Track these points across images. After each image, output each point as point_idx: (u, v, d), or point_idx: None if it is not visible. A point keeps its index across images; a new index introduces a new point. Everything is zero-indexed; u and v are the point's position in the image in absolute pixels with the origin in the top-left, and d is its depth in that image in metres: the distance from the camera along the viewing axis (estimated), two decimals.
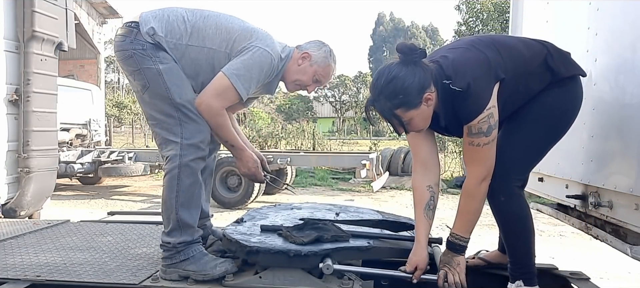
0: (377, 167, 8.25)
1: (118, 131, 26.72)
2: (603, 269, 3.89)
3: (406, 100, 1.65)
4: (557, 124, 1.81)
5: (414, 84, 1.65)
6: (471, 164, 1.74)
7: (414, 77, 1.65)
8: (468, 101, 1.65)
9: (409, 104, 1.66)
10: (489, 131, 1.66)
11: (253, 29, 2.06)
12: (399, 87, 1.65)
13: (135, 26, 1.96)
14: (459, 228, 1.81)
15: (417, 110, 1.68)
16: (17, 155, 3.64)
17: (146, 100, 2.00)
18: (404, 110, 1.67)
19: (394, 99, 1.66)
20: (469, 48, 1.76)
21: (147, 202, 8.38)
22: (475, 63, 1.69)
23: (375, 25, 73.40)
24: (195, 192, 1.96)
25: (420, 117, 1.71)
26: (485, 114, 1.65)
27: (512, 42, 1.82)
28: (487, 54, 1.72)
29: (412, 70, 1.66)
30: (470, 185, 1.75)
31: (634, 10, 1.84)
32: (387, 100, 1.68)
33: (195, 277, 1.87)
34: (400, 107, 1.67)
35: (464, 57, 1.72)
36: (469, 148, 1.72)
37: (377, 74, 1.72)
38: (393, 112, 1.68)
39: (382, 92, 1.68)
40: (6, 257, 2.20)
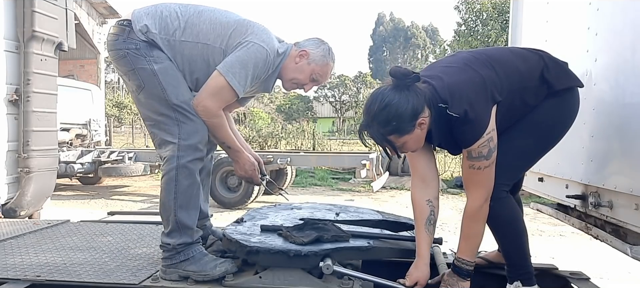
0: (377, 167, 8.25)
1: (118, 131, 26.71)
2: (603, 269, 3.89)
3: (399, 126, 1.65)
4: (548, 135, 1.82)
5: (407, 111, 1.64)
6: (472, 187, 1.75)
7: (407, 103, 1.64)
8: (466, 127, 1.66)
9: (402, 130, 1.67)
10: (489, 154, 1.68)
11: (249, 23, 2.02)
12: (392, 113, 1.64)
13: (127, 24, 1.93)
14: (464, 252, 1.80)
15: (411, 135, 1.68)
16: (17, 155, 3.64)
17: (142, 101, 1.98)
18: (397, 136, 1.68)
19: (387, 125, 1.66)
20: (464, 68, 1.75)
21: (147, 202, 8.38)
22: (471, 86, 1.69)
23: (375, 25, 73.33)
24: (194, 193, 1.96)
25: (413, 141, 1.71)
26: (485, 138, 1.66)
27: (507, 58, 1.81)
28: (483, 74, 1.71)
29: (406, 96, 1.65)
30: (473, 208, 1.75)
31: (634, 10, 1.84)
32: (380, 126, 1.67)
33: (195, 277, 1.87)
34: (393, 133, 1.67)
35: (460, 80, 1.71)
36: (469, 171, 1.73)
37: (370, 99, 1.71)
38: (386, 138, 1.69)
39: (375, 118, 1.68)
40: (6, 257, 2.19)
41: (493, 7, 14.97)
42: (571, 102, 1.83)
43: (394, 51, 66.12)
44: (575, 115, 1.85)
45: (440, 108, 1.67)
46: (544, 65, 1.77)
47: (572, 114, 1.84)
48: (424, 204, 1.88)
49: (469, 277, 1.80)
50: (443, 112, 1.67)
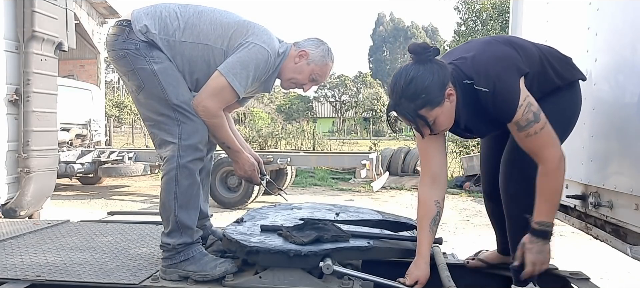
0: (377, 167, 8.25)
1: (118, 131, 26.71)
2: (603, 269, 3.89)
3: (429, 98, 1.61)
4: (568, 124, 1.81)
5: (434, 81, 1.61)
6: (540, 152, 1.66)
7: (433, 75, 1.61)
8: (498, 100, 1.62)
9: (432, 102, 1.62)
10: (537, 116, 1.62)
11: (249, 23, 2.02)
12: (420, 86, 1.61)
13: (127, 24, 1.93)
14: (544, 214, 1.69)
15: (441, 107, 1.64)
16: (17, 155, 3.64)
17: (141, 101, 1.97)
18: (429, 109, 1.63)
19: (417, 99, 1.61)
20: (485, 47, 1.74)
21: (147, 202, 8.38)
22: (496, 60, 1.67)
23: (375, 25, 73.37)
24: (194, 193, 1.95)
25: (445, 115, 1.67)
26: (524, 105, 1.61)
27: (524, 43, 1.80)
28: (505, 50, 1.71)
29: (430, 68, 1.62)
30: (551, 168, 1.65)
31: (634, 10, 1.84)
32: (409, 102, 1.62)
33: (195, 277, 1.87)
34: (424, 106, 1.62)
35: (484, 56, 1.69)
36: (528, 140, 1.65)
37: (394, 78, 1.67)
38: (417, 113, 1.63)
39: (403, 95, 1.63)
40: (6, 257, 2.19)
41: (493, 7, 14.99)
42: (576, 95, 1.82)
43: (394, 51, 66.15)
44: (580, 109, 1.85)
45: (466, 85, 1.64)
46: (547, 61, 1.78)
47: (578, 107, 1.84)
48: (432, 204, 1.86)
49: (549, 238, 1.71)
50: (470, 89, 1.64)
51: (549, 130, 1.63)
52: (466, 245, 4.73)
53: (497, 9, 14.82)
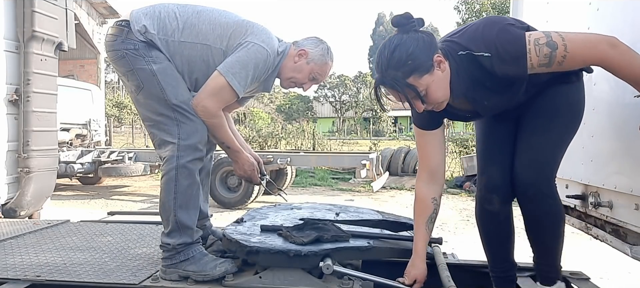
0: (377, 167, 8.25)
1: (118, 131, 26.71)
2: (603, 269, 3.89)
3: (416, 64, 1.52)
4: (576, 122, 1.74)
5: (420, 47, 1.53)
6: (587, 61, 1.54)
7: (418, 41, 1.54)
8: (505, 58, 1.51)
9: (420, 68, 1.52)
10: (551, 45, 1.48)
11: (248, 23, 2.02)
12: (404, 53, 1.52)
13: (126, 25, 1.93)
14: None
15: (431, 75, 1.54)
16: (17, 155, 3.64)
17: (141, 101, 1.97)
18: (417, 77, 1.52)
19: (404, 66, 1.52)
20: (477, 22, 1.65)
21: (147, 202, 8.37)
22: (491, 25, 1.58)
23: (375, 25, 73.39)
24: (193, 193, 1.95)
25: (437, 85, 1.56)
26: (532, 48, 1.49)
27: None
28: (499, 17, 1.65)
29: (414, 36, 1.55)
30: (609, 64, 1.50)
31: (634, 10, 1.84)
32: (396, 70, 1.53)
33: (195, 277, 1.87)
34: (412, 73, 1.52)
35: (478, 27, 1.61)
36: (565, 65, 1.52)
37: (378, 52, 1.58)
38: (406, 81, 1.53)
39: (389, 65, 1.53)
40: (6, 257, 2.19)
41: (493, 7, 14.99)
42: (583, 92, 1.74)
43: None
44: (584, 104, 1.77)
45: (463, 56, 1.57)
46: None
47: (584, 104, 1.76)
48: (429, 201, 1.85)
49: None
50: (467, 60, 1.56)
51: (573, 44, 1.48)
52: (466, 245, 4.73)
53: (497, 8, 14.83)
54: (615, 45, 1.48)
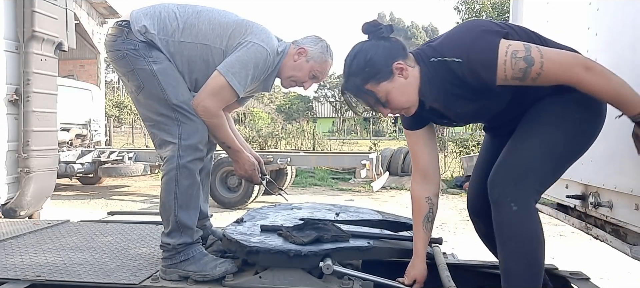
0: (377, 167, 8.25)
1: (118, 131, 26.72)
2: (603, 269, 3.89)
3: (373, 71, 1.54)
4: (576, 132, 1.56)
5: (378, 54, 1.55)
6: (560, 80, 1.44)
7: (378, 48, 1.56)
8: (475, 65, 1.46)
9: (377, 75, 1.54)
10: (528, 60, 1.41)
11: (248, 23, 2.02)
12: (362, 60, 1.56)
13: (126, 25, 1.93)
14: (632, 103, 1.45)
15: (391, 82, 1.55)
16: (17, 155, 3.64)
17: (141, 101, 1.98)
18: (375, 83, 1.55)
19: (361, 73, 1.56)
20: (457, 27, 1.60)
21: (147, 202, 8.38)
22: (467, 30, 1.53)
23: None
24: (194, 193, 1.95)
25: (399, 91, 1.56)
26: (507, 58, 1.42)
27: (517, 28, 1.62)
28: (478, 20, 1.61)
29: (376, 43, 1.58)
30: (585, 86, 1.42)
31: (634, 10, 1.84)
32: (355, 77, 1.57)
33: (195, 277, 1.87)
34: (369, 80, 1.55)
35: (457, 32, 1.57)
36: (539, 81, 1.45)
37: (347, 55, 1.63)
38: (364, 87, 1.57)
39: (349, 71, 1.59)
40: (6, 257, 2.19)
41: (493, 7, 14.99)
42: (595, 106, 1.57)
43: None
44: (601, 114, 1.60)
45: (435, 63, 1.53)
46: None
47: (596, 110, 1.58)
48: (423, 201, 1.85)
49: None
50: (439, 66, 1.52)
51: (550, 62, 1.42)
52: (466, 245, 4.73)
53: (497, 9, 14.82)
54: (590, 68, 1.42)
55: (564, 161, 1.60)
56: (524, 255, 1.51)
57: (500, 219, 1.54)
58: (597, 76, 1.41)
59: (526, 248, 1.50)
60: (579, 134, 1.58)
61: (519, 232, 1.50)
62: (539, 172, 1.54)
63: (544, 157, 1.53)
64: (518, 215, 1.49)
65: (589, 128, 1.59)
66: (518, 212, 1.48)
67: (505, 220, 1.51)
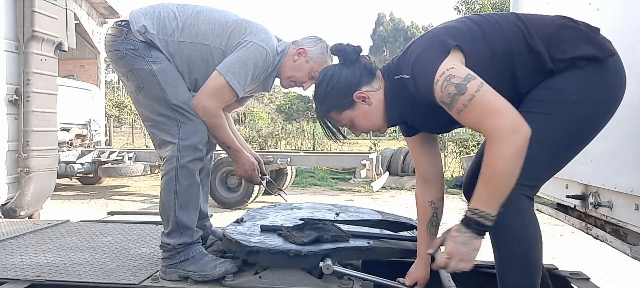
0: (377, 167, 8.25)
1: (118, 131, 26.70)
2: (603, 269, 3.89)
3: (335, 102, 1.58)
4: (575, 115, 1.41)
5: (339, 85, 1.56)
6: (481, 125, 1.33)
7: (340, 77, 1.57)
8: (418, 82, 1.43)
9: (337, 106, 1.58)
10: (460, 89, 1.31)
11: (247, 23, 2.03)
12: (324, 90, 1.60)
13: (125, 25, 1.94)
14: (483, 200, 1.33)
15: (353, 110, 1.58)
16: (17, 155, 3.64)
17: (141, 102, 1.98)
18: (337, 113, 1.60)
19: (324, 103, 1.61)
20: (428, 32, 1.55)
21: (147, 202, 8.38)
22: (422, 41, 1.50)
23: (375, 26, 73.33)
24: (193, 193, 1.95)
25: (362, 118, 1.59)
26: (441, 79, 1.34)
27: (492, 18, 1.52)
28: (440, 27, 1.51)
29: (339, 71, 1.59)
30: (495, 142, 1.30)
31: (634, 10, 1.84)
32: (319, 105, 1.63)
33: (195, 277, 1.87)
34: (331, 110, 1.60)
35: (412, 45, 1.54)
36: (462, 116, 1.35)
37: None
38: (327, 115, 1.62)
39: (316, 99, 1.64)
40: (6, 257, 2.19)
41: (492, 7, 15.00)
42: (599, 79, 1.41)
43: (394, 51, 66.04)
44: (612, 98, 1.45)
45: (397, 80, 1.52)
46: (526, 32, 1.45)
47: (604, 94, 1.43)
48: (426, 206, 1.83)
49: (483, 235, 1.37)
50: (398, 83, 1.51)
51: (482, 99, 1.30)
52: None
53: (496, 9, 14.83)
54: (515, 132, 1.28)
55: (563, 150, 1.47)
56: (516, 257, 1.44)
57: None
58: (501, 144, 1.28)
59: (517, 249, 1.43)
60: (580, 116, 1.42)
61: (508, 234, 1.42)
62: (529, 166, 1.34)
63: (532, 148, 1.33)
64: (506, 216, 1.37)
65: (592, 108, 1.42)
66: (505, 213, 1.36)
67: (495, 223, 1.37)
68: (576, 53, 1.41)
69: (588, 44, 1.42)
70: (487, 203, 1.33)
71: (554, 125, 1.41)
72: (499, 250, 1.48)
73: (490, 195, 1.33)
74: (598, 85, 1.42)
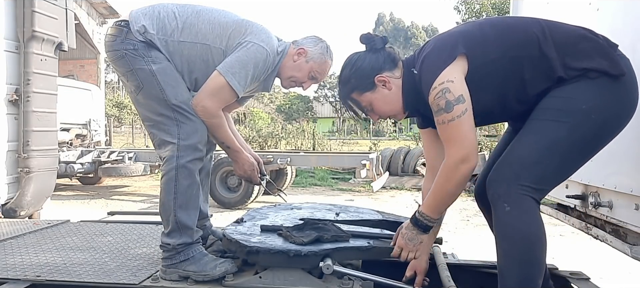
0: (377, 167, 8.25)
1: (118, 131, 26.71)
2: (603, 269, 3.89)
3: (357, 83, 1.70)
4: (585, 123, 1.45)
5: (363, 67, 1.69)
6: (446, 144, 1.55)
7: (364, 61, 1.69)
8: (422, 81, 1.58)
9: (360, 86, 1.70)
10: (448, 107, 1.48)
11: (248, 23, 2.02)
12: (349, 71, 1.72)
13: (125, 25, 1.93)
14: (429, 207, 1.66)
15: (373, 93, 1.69)
16: (17, 155, 3.64)
17: (141, 101, 1.97)
18: (359, 94, 1.71)
19: (348, 83, 1.72)
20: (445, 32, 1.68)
21: (147, 202, 8.38)
22: (436, 43, 1.61)
23: (375, 25, 73.29)
24: (193, 193, 1.95)
25: (382, 101, 1.70)
26: (438, 89, 1.49)
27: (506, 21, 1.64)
28: (459, 29, 1.64)
29: (364, 55, 1.71)
30: (447, 165, 1.55)
31: (634, 10, 1.84)
32: (343, 86, 1.75)
33: (195, 277, 1.87)
34: (353, 91, 1.72)
35: (432, 42, 1.65)
36: (438, 127, 1.56)
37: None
38: (349, 96, 1.73)
39: (340, 80, 1.77)
40: (6, 257, 2.19)
41: (493, 7, 15.00)
42: (610, 92, 1.45)
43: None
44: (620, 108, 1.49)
45: (411, 73, 1.66)
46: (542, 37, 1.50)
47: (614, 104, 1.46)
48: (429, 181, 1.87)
49: (427, 232, 1.72)
50: (414, 76, 1.64)
51: (457, 128, 1.48)
52: (466, 245, 4.73)
53: (497, 9, 14.84)
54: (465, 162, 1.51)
55: (571, 156, 1.50)
56: (518, 256, 1.47)
57: (496, 219, 1.52)
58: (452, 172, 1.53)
59: (520, 249, 1.46)
60: (589, 126, 1.46)
61: (512, 232, 1.47)
62: (536, 169, 1.47)
63: (543, 153, 1.46)
64: (511, 215, 1.46)
65: (602, 118, 1.46)
66: (511, 211, 1.45)
67: (499, 221, 1.50)
68: (590, 64, 1.46)
69: (603, 58, 1.47)
70: (432, 210, 1.67)
71: (563, 132, 1.46)
72: (501, 247, 1.52)
73: (436, 205, 1.66)
74: (609, 97, 1.46)
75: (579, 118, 1.45)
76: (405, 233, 1.76)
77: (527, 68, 1.51)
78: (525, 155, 1.49)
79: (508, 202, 1.47)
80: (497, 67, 1.53)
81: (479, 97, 1.54)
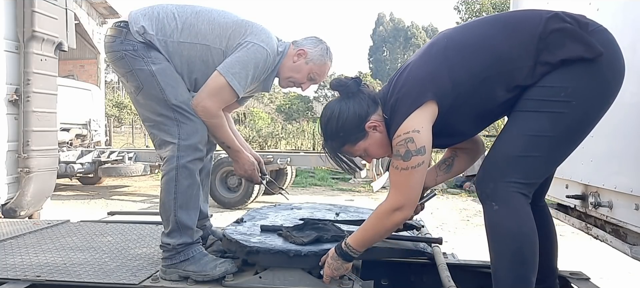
0: (377, 167, 8.26)
1: (118, 131, 26.69)
2: (603, 269, 3.89)
3: (347, 136, 1.63)
4: (566, 110, 1.41)
5: (349, 118, 1.61)
6: (391, 187, 1.59)
7: (348, 111, 1.61)
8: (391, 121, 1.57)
9: (350, 140, 1.63)
10: (407, 156, 1.48)
11: (248, 23, 2.02)
12: (334, 125, 1.63)
13: (124, 26, 1.94)
14: (357, 241, 1.67)
15: (366, 140, 1.63)
16: (17, 155, 3.64)
17: (141, 102, 1.98)
18: (351, 146, 1.65)
19: (336, 138, 1.65)
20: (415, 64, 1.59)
21: (147, 202, 8.38)
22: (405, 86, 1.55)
23: (375, 25, 73.28)
24: (194, 194, 1.95)
25: (377, 145, 1.64)
26: (402, 137, 1.49)
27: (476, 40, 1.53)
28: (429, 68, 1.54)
29: (346, 104, 1.63)
30: (383, 208, 1.60)
31: (634, 10, 1.84)
32: (330, 141, 1.67)
33: (195, 277, 1.87)
34: (345, 144, 1.65)
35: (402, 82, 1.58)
36: (391, 169, 1.57)
37: (321, 115, 1.70)
38: (340, 149, 1.67)
39: (325, 135, 1.68)
40: (6, 257, 2.19)
41: (493, 7, 15.01)
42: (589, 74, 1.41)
43: (394, 51, 66.12)
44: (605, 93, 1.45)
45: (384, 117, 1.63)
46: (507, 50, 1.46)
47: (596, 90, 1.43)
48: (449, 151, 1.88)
49: (351, 261, 1.72)
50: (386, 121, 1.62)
51: (408, 178, 1.51)
52: (466, 245, 4.73)
53: (497, 8, 14.85)
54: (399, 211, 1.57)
55: (557, 146, 1.47)
56: (509, 255, 1.45)
57: (485, 219, 1.51)
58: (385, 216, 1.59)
59: (511, 248, 1.44)
60: (571, 113, 1.42)
61: (501, 231, 1.46)
62: (520, 164, 1.45)
63: (525, 146, 1.44)
64: (499, 215, 1.45)
65: (584, 103, 1.43)
66: (499, 211, 1.45)
67: (489, 220, 1.49)
68: (564, 55, 1.42)
69: (576, 43, 1.42)
70: (359, 245, 1.67)
71: (546, 122, 1.43)
72: (492, 248, 1.50)
73: (363, 241, 1.67)
74: (588, 81, 1.42)
75: (560, 106, 1.42)
76: (330, 263, 1.72)
77: (501, 83, 1.48)
78: (510, 151, 1.47)
79: (496, 201, 1.46)
80: (471, 94, 1.50)
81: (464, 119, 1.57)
